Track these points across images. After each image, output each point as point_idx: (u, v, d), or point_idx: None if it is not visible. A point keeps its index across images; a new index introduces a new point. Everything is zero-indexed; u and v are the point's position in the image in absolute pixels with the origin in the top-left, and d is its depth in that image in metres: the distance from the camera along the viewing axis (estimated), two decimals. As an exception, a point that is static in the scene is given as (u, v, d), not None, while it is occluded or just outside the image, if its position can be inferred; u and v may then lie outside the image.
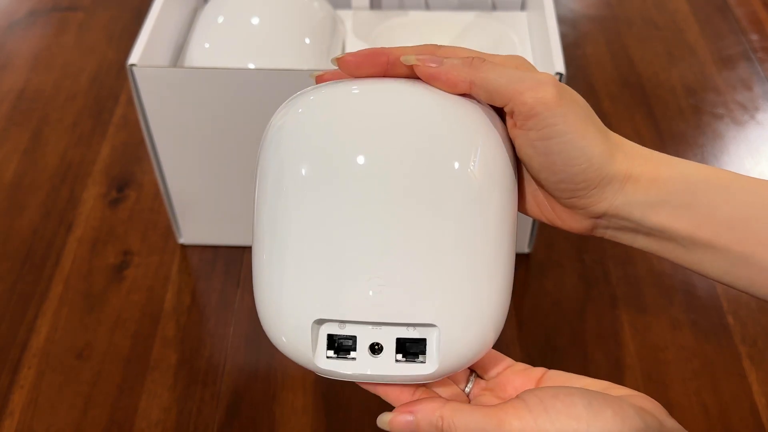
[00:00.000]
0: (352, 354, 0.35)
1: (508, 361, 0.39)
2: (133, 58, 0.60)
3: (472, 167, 0.34)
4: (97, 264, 0.72)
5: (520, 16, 0.76)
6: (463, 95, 0.36)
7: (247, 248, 0.73)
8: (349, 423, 0.61)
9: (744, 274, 0.35)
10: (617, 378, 0.64)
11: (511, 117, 0.36)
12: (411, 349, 0.35)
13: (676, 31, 0.99)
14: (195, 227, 0.73)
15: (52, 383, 0.63)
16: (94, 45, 0.97)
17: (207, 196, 0.69)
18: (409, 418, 0.35)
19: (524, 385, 0.38)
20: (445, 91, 0.36)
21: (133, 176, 0.81)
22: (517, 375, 0.38)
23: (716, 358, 0.65)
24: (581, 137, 0.35)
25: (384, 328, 0.34)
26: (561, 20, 1.00)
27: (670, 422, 0.34)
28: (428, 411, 0.34)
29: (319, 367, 0.35)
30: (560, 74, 0.58)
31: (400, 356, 0.35)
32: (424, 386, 0.37)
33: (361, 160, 0.34)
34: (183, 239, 0.74)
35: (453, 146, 0.34)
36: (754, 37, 0.98)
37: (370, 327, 0.35)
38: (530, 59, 0.71)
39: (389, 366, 0.35)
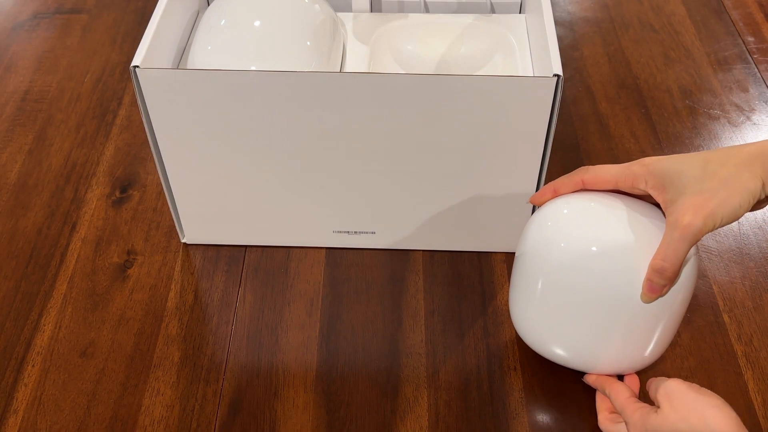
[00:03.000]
0: None
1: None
2: (136, 60, 0.60)
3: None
4: (101, 263, 0.73)
5: (519, 19, 0.76)
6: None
7: (249, 247, 0.74)
8: (349, 420, 0.62)
9: None
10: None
11: None
12: None
13: (673, 33, 1.00)
14: (198, 227, 0.73)
15: (56, 381, 0.64)
16: (97, 47, 0.98)
17: (209, 196, 0.70)
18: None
19: None
20: None
21: (136, 177, 0.81)
22: None
23: (712, 357, 0.65)
24: None
25: None
26: (558, 23, 1.01)
27: None
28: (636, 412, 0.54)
29: None
30: (558, 76, 0.59)
31: None
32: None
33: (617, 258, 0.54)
34: (186, 239, 0.75)
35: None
36: (750, 39, 0.99)
37: None
38: (528, 61, 0.71)
39: None
